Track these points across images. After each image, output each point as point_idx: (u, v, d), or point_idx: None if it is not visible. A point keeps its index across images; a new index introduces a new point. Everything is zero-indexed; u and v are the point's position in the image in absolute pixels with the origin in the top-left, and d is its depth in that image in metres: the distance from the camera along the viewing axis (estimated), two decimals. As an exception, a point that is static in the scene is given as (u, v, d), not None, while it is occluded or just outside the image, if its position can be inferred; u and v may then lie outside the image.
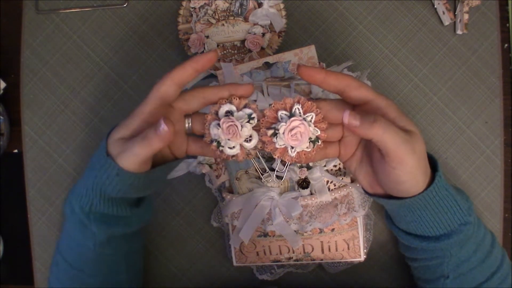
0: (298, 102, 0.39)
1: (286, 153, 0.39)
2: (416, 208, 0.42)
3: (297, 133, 0.38)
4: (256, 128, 0.40)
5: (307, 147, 0.39)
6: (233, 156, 0.40)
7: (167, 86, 0.39)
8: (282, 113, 0.39)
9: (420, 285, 0.52)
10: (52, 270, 0.52)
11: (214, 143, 0.40)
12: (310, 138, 0.39)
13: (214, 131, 0.39)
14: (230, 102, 0.40)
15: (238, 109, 0.40)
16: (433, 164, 0.42)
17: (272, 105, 0.39)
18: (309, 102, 0.39)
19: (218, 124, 0.39)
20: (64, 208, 0.48)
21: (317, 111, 0.39)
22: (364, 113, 0.38)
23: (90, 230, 0.45)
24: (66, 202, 0.47)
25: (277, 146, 0.39)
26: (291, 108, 0.39)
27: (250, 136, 0.40)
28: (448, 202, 0.42)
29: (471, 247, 0.45)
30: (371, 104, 0.39)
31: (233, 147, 0.40)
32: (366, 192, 0.45)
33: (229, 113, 0.40)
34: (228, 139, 0.39)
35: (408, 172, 0.38)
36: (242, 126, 0.39)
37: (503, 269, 0.46)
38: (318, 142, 0.39)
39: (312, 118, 0.39)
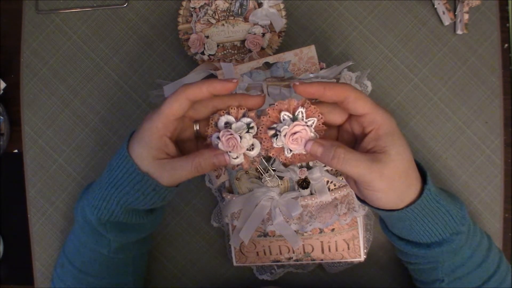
0: (303, 106, 0.39)
1: (282, 153, 0.40)
2: (405, 219, 0.42)
3: (298, 138, 0.38)
4: (257, 137, 0.40)
5: (304, 151, 0.39)
6: (238, 165, 0.40)
7: (181, 103, 0.39)
8: (285, 114, 0.39)
9: (418, 286, 0.52)
10: (56, 271, 0.52)
11: None
12: None
13: (215, 144, 0.40)
14: (228, 113, 0.40)
15: (237, 119, 0.40)
16: (423, 174, 0.42)
17: (276, 104, 0.39)
18: (312, 107, 0.39)
19: (218, 137, 0.39)
20: (75, 215, 0.48)
21: (319, 116, 0.39)
22: (329, 142, 0.39)
23: (106, 238, 0.46)
24: (77, 210, 0.48)
25: (274, 145, 0.39)
26: (294, 110, 0.39)
27: (252, 145, 0.40)
28: (439, 213, 0.42)
29: (466, 253, 0.45)
30: (366, 118, 0.39)
31: (237, 157, 0.40)
32: (358, 199, 0.45)
33: (228, 125, 0.40)
34: (229, 151, 0.39)
35: (379, 192, 0.39)
36: (241, 137, 0.39)
37: (501, 271, 0.46)
38: None
39: (313, 123, 0.39)
